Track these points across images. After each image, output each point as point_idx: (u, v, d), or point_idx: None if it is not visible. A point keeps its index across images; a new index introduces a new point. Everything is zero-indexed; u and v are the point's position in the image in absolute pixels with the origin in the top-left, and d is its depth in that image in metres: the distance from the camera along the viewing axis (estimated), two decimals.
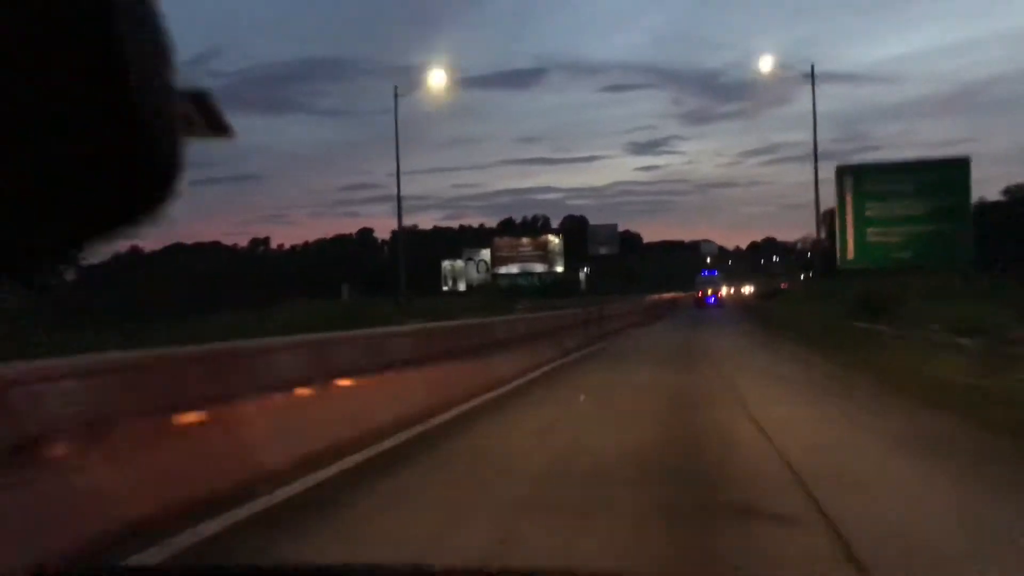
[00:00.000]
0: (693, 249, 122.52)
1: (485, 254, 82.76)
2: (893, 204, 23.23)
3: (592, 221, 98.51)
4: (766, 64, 26.93)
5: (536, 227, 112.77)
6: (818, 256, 27.01)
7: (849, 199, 23.62)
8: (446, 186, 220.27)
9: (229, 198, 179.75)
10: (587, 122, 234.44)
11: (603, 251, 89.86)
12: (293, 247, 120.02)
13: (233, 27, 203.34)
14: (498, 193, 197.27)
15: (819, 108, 24.99)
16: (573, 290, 74.73)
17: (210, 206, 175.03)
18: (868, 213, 23.49)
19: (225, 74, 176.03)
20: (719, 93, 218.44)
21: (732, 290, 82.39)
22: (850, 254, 23.63)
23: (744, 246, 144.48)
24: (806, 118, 24.31)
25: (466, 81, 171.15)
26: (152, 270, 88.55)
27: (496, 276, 79.35)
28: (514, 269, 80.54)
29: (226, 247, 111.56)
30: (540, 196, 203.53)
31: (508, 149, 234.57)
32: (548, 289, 70.45)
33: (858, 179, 23.74)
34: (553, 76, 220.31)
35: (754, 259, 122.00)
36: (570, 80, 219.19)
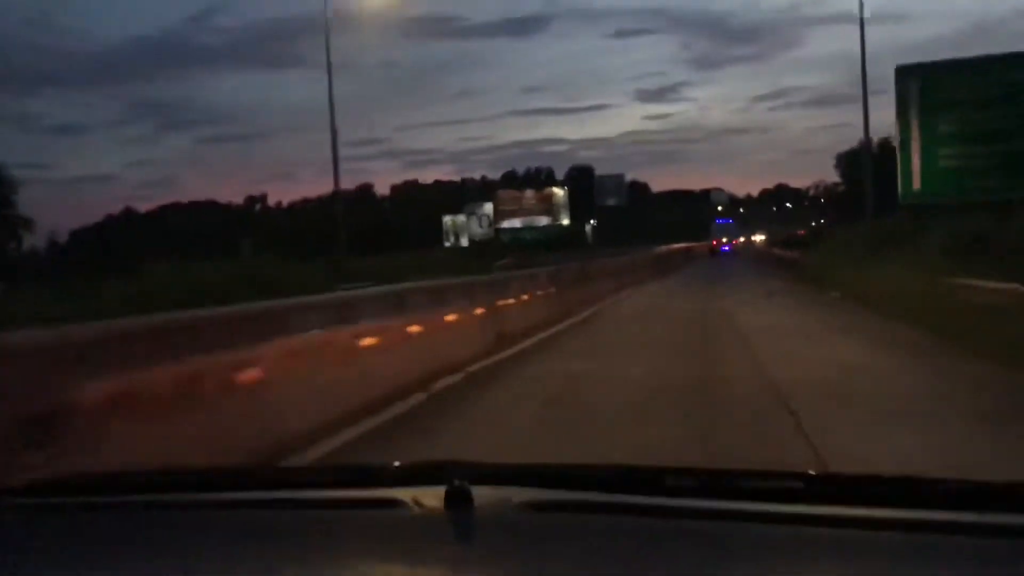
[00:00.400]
0: (704, 198, 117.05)
1: (487, 208, 78.73)
2: (975, 115, 17.06)
3: (603, 172, 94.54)
4: None
5: (540, 179, 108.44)
6: (872, 191, 21.15)
7: (915, 112, 17.53)
8: (453, 139, 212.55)
9: (232, 157, 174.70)
10: (595, 70, 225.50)
11: (610, 202, 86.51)
12: (291, 204, 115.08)
13: None
14: (506, 146, 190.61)
15: (828, 51, 19.43)
16: (579, 243, 71.36)
17: (212, 166, 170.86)
18: (941, 129, 17.43)
19: (228, 30, 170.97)
20: (728, 36, 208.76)
21: (743, 239, 78.71)
22: (915, 184, 17.69)
23: (756, 193, 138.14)
24: (816, 62, 18.96)
25: (471, 29, 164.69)
26: (139, 230, 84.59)
27: (499, 231, 75.42)
28: (517, 223, 76.40)
29: (221, 205, 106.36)
30: (549, 148, 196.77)
31: (515, 100, 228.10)
32: (552, 242, 66.38)
33: (927, 83, 17.49)
34: (560, 22, 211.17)
35: (767, 206, 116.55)
36: (577, 25, 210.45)
